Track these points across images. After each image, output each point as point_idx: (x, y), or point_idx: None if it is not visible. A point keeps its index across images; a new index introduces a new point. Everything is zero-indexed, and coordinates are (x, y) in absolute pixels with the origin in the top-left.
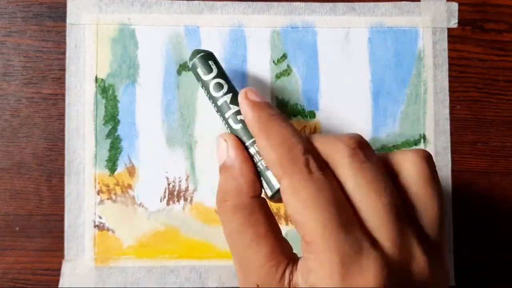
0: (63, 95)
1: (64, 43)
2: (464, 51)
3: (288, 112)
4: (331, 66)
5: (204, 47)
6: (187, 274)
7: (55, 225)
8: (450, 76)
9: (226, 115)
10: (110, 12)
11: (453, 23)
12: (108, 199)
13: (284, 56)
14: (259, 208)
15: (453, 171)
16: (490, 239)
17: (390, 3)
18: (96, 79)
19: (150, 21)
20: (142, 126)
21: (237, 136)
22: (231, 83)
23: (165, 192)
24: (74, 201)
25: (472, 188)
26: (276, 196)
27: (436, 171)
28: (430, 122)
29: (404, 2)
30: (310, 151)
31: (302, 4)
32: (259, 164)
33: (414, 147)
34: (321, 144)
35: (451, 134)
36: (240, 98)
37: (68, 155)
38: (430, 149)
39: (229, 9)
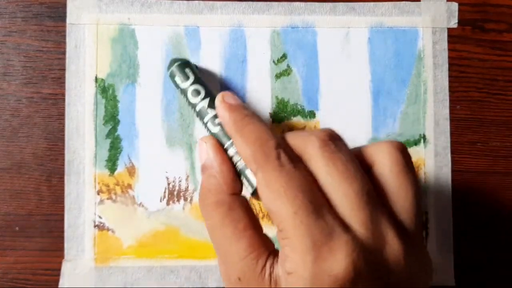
0: (63, 95)
1: (64, 43)
2: (464, 51)
3: (288, 112)
4: (331, 66)
5: (204, 47)
6: (187, 274)
7: (55, 225)
8: (450, 76)
9: (205, 119)
10: (110, 12)
11: (453, 23)
12: (108, 199)
13: (284, 56)
14: (238, 204)
15: (453, 171)
16: (490, 239)
17: (390, 3)
18: (96, 79)
19: (150, 21)
20: (142, 126)
21: (216, 139)
22: (208, 89)
23: (165, 192)
24: (74, 201)
25: (472, 188)
26: (256, 193)
27: (411, 161)
28: (430, 122)
29: (404, 2)
30: (282, 145)
31: (302, 4)
32: (238, 163)
33: (414, 147)
34: (294, 139)
35: (451, 134)
36: (217, 102)
37: (68, 155)
38: (430, 149)
39: (229, 9)
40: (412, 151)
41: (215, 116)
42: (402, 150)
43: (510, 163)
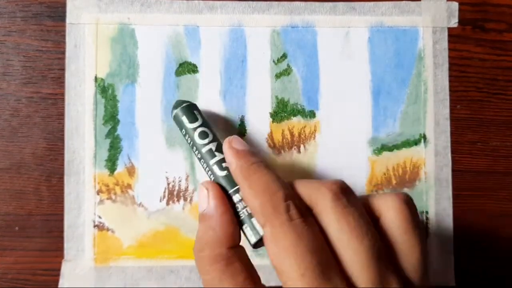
0: (63, 94)
1: (64, 42)
2: (464, 51)
3: (288, 112)
4: (331, 66)
5: (204, 46)
6: (187, 274)
7: (55, 225)
8: (450, 76)
9: (211, 162)
10: (110, 12)
11: (453, 22)
12: (107, 199)
13: (284, 56)
14: (237, 258)
15: (453, 171)
16: (490, 239)
17: (390, 3)
18: (96, 79)
19: (150, 20)
20: (142, 126)
21: (220, 184)
22: (215, 133)
23: (165, 192)
24: (73, 201)
25: (472, 188)
26: (260, 243)
27: (417, 215)
28: (430, 122)
29: (404, 2)
30: (292, 197)
31: (302, 3)
32: (243, 211)
33: (414, 147)
34: (304, 189)
35: (451, 134)
36: (225, 147)
37: (67, 155)
38: (430, 148)
39: (229, 9)
40: (412, 151)
41: (223, 160)
42: (409, 203)
43: (510, 163)
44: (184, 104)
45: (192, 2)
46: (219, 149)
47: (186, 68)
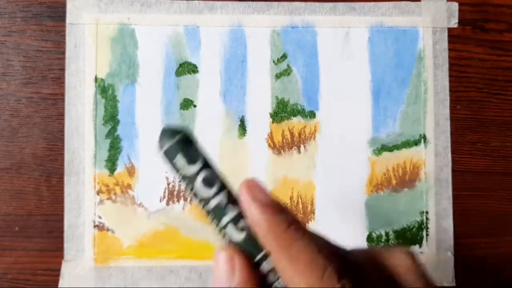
0: (63, 95)
1: (64, 42)
2: (464, 51)
3: (288, 112)
4: (331, 66)
5: (204, 46)
6: (187, 274)
7: (55, 225)
8: (450, 76)
9: (223, 222)
10: (110, 12)
11: (453, 23)
12: (107, 199)
13: (284, 56)
14: None
15: (453, 171)
16: (489, 239)
17: (390, 3)
18: (96, 79)
19: (150, 20)
20: (142, 126)
21: (242, 250)
22: (222, 175)
23: (164, 192)
24: (73, 201)
25: (472, 188)
26: None
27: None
28: (430, 122)
29: (404, 2)
30: (345, 271)
31: (302, 4)
32: (275, 284)
33: (414, 147)
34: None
35: (451, 134)
36: (244, 198)
37: (67, 155)
38: (430, 149)
39: (229, 9)
40: (412, 151)
41: (239, 217)
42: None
43: (510, 163)
44: (177, 137)
45: (192, 3)
46: (232, 200)
47: (186, 68)
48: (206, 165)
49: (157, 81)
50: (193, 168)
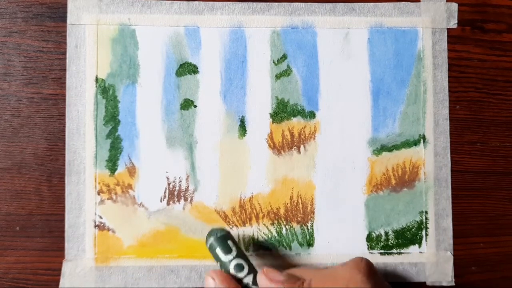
0: (64, 95)
1: (65, 43)
2: (463, 52)
3: (288, 112)
4: (331, 66)
5: (204, 47)
6: (187, 274)
7: (56, 225)
8: (449, 76)
9: None
10: (111, 12)
11: (453, 23)
12: (108, 199)
13: (284, 57)
14: None
15: (452, 171)
16: (489, 239)
17: (390, 4)
18: (97, 79)
19: (151, 21)
20: (142, 126)
21: None
22: (250, 262)
23: (165, 192)
24: (74, 201)
25: (472, 188)
26: None
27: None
28: (430, 122)
29: (403, 3)
30: None
31: (302, 4)
32: None
33: (414, 147)
34: None
35: (451, 134)
36: (262, 282)
37: (68, 155)
38: (430, 149)
39: (229, 10)
40: (412, 151)
41: None
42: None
43: (510, 163)
44: (217, 235)
45: (193, 3)
46: (255, 282)
47: (187, 68)
48: (238, 255)
49: (158, 81)
50: (229, 257)
